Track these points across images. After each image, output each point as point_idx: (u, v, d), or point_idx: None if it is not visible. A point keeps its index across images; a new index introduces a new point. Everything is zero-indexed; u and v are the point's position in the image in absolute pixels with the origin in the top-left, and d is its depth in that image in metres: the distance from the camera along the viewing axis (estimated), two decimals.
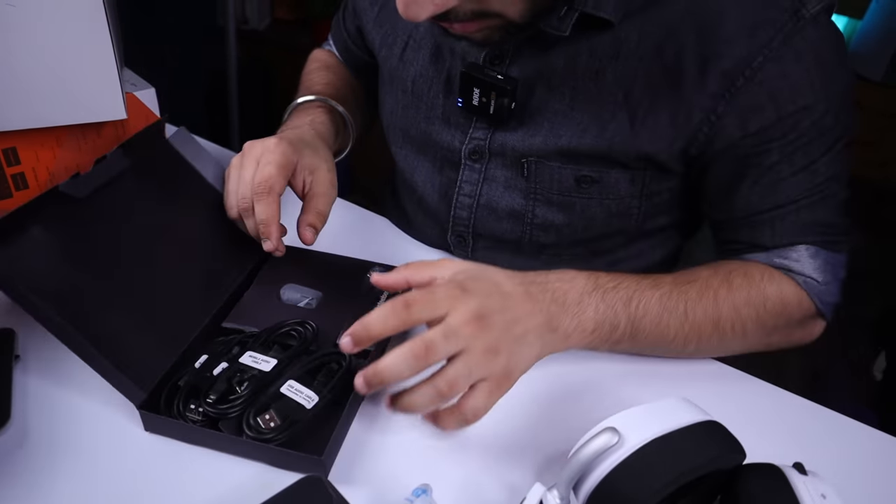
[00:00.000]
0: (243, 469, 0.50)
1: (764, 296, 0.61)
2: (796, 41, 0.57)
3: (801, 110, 0.59)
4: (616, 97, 0.62)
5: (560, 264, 0.77)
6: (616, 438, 0.42)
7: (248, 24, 2.52)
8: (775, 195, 0.63)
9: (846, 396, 1.94)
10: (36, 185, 0.71)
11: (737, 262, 0.65)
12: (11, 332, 0.58)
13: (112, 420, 0.53)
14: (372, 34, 0.79)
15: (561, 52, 0.63)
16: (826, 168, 0.62)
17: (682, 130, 0.62)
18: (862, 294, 2.31)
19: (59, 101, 0.65)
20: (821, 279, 0.63)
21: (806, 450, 0.55)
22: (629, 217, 0.71)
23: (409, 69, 0.73)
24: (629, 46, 0.61)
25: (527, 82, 0.65)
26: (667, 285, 0.59)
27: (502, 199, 0.72)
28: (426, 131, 0.74)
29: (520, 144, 0.68)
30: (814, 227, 0.63)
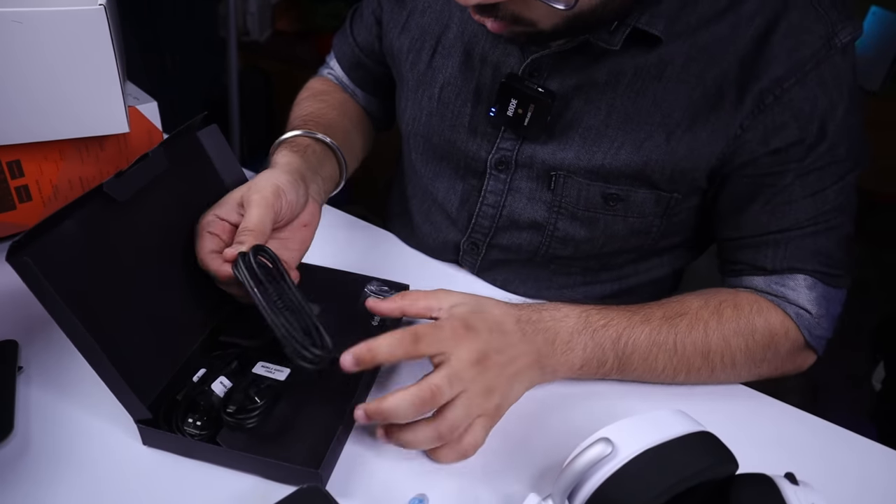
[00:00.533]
0: (241, 482, 0.51)
1: (752, 327, 0.62)
2: (825, 68, 0.59)
3: (820, 134, 0.60)
4: (654, 117, 0.63)
5: (568, 276, 0.78)
6: (610, 449, 0.42)
7: (250, 35, 2.54)
8: (783, 217, 0.64)
9: (846, 408, 1.94)
10: (39, 198, 0.72)
11: (728, 292, 0.65)
12: (15, 344, 0.59)
13: (112, 433, 0.54)
14: (398, 41, 0.77)
15: (604, 67, 0.64)
16: (835, 197, 0.63)
17: (718, 148, 0.63)
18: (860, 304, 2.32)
19: (63, 116, 0.66)
20: (814, 312, 0.64)
21: (799, 460, 0.55)
22: (648, 235, 0.72)
23: (438, 76, 0.73)
24: (674, 69, 0.62)
25: (565, 95, 0.66)
26: (657, 320, 0.60)
27: (525, 210, 0.73)
28: (451, 139, 0.74)
29: (550, 158, 0.68)
30: (816, 255, 0.64)
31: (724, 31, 0.60)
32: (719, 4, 0.60)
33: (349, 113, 0.86)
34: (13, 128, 0.65)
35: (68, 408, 0.55)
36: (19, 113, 0.64)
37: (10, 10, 0.58)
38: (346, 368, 0.50)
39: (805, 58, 0.58)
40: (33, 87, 0.63)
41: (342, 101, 0.87)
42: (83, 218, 0.51)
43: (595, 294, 0.80)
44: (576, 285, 0.79)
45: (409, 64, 0.76)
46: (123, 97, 0.68)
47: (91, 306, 0.48)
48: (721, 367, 0.61)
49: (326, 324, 0.53)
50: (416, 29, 0.75)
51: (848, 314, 0.67)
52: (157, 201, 0.58)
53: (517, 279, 0.78)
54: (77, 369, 0.59)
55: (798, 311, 0.64)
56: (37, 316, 0.63)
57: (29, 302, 0.65)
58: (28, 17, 0.58)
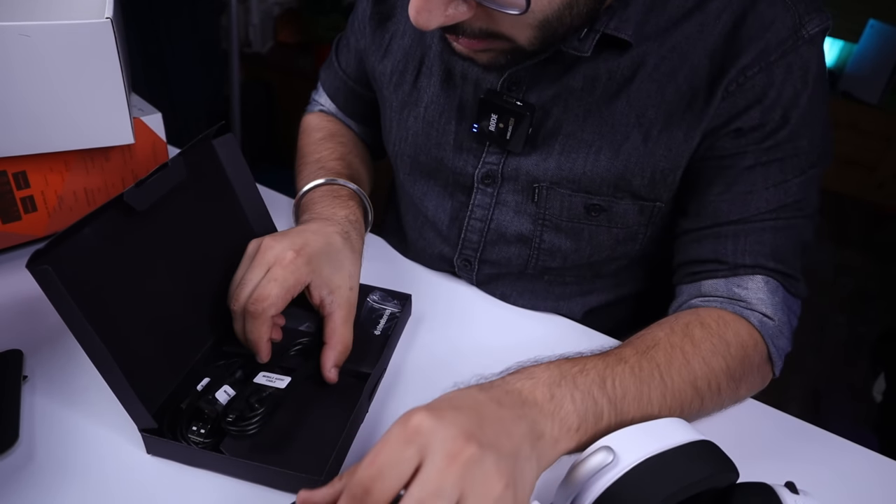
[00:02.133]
0: (244, 491, 0.51)
1: (726, 342, 0.58)
2: (791, 57, 0.59)
3: (782, 119, 0.61)
4: (629, 119, 0.64)
5: (564, 286, 0.78)
6: (611, 457, 0.43)
7: (252, 47, 2.56)
8: (745, 206, 0.63)
9: (847, 419, 1.94)
10: (44, 209, 0.72)
11: (688, 313, 0.61)
12: (19, 353, 0.60)
13: (116, 441, 0.54)
14: (381, 65, 0.77)
15: (579, 74, 0.64)
16: (797, 191, 0.63)
17: (693, 145, 0.63)
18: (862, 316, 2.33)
19: (70, 128, 0.66)
20: (775, 318, 0.62)
21: (799, 470, 0.55)
22: (634, 243, 0.72)
23: (423, 96, 0.73)
24: (645, 70, 0.62)
25: (543, 106, 0.66)
26: (632, 357, 0.53)
27: (512, 223, 0.73)
28: (438, 157, 0.74)
29: (534, 169, 0.68)
30: (776, 252, 0.63)
31: (693, 30, 0.61)
32: (687, 4, 0.61)
33: (361, 155, 0.87)
34: (20, 139, 0.65)
35: (73, 416, 0.56)
36: (26, 125, 0.64)
37: (18, 24, 0.58)
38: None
39: (771, 47, 0.59)
40: (40, 99, 0.63)
41: (353, 142, 0.88)
42: (102, 227, 0.51)
43: (592, 303, 0.80)
44: (572, 295, 0.79)
45: (392, 86, 0.76)
46: (129, 109, 0.69)
47: (105, 315, 0.49)
48: (709, 395, 0.57)
49: None
50: (399, 51, 0.75)
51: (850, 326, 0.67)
52: (172, 211, 0.59)
53: (514, 292, 0.78)
54: (81, 378, 0.59)
55: (761, 318, 0.62)
56: (41, 325, 0.64)
57: (33, 311, 0.66)
58: (36, 31, 0.59)
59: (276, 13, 2.63)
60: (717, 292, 0.64)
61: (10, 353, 0.60)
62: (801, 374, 1.92)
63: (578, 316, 0.78)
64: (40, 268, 0.45)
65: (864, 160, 3.02)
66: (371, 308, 0.68)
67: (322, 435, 0.53)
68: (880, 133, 2.99)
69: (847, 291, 2.46)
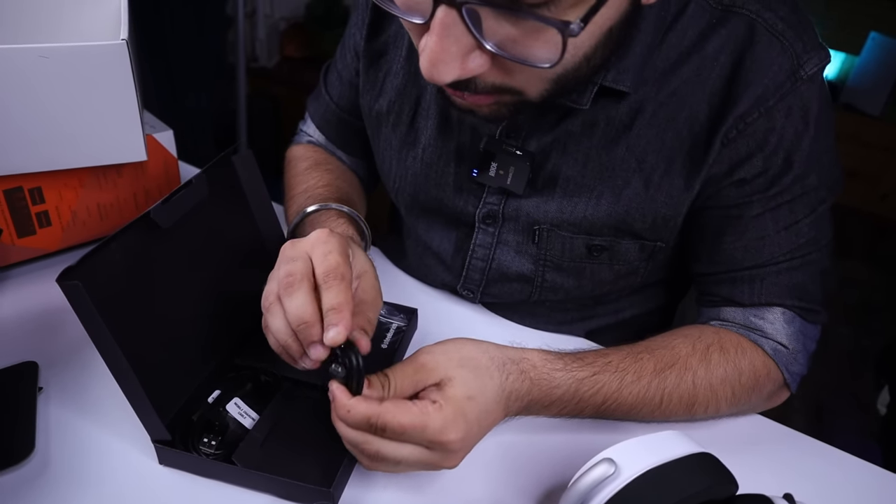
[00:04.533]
0: (254, 501, 0.52)
1: (739, 370, 0.61)
2: (790, 99, 0.58)
3: (785, 164, 0.60)
4: (630, 164, 0.63)
5: (565, 312, 0.78)
6: (612, 469, 0.44)
7: (258, 61, 2.59)
8: (759, 253, 0.63)
9: (851, 431, 1.93)
10: (59, 223, 0.74)
11: (712, 333, 0.64)
12: (35, 365, 0.61)
13: (129, 452, 0.55)
14: (377, 104, 0.75)
15: (577, 120, 0.63)
16: (808, 230, 0.63)
17: (694, 193, 0.63)
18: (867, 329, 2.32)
19: (85, 145, 0.68)
20: (790, 347, 0.64)
21: (798, 482, 0.57)
22: (635, 276, 0.72)
23: (420, 137, 0.72)
24: (644, 116, 0.61)
25: (543, 150, 0.66)
26: (647, 376, 0.59)
27: (513, 263, 0.73)
28: (438, 197, 0.74)
29: (534, 211, 0.68)
30: (792, 291, 0.64)
31: (691, 74, 0.60)
32: (683, 45, 0.60)
33: (352, 183, 0.85)
34: (36, 156, 0.67)
35: (87, 427, 0.57)
36: (42, 142, 0.66)
37: (38, 46, 0.60)
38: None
39: (769, 92, 0.58)
40: (57, 117, 0.65)
41: (343, 170, 0.85)
42: (128, 243, 0.53)
43: (592, 327, 0.80)
44: (573, 321, 0.79)
45: (391, 125, 0.74)
46: (142, 127, 0.70)
47: (127, 329, 0.50)
48: (702, 414, 0.62)
49: None
50: (393, 91, 0.73)
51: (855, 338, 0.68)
52: (192, 227, 0.60)
53: (516, 315, 0.78)
54: (95, 389, 0.61)
55: (775, 346, 0.63)
56: (56, 337, 0.65)
57: (48, 324, 0.67)
58: (54, 53, 0.61)
59: (282, 28, 2.66)
60: (736, 320, 0.66)
61: (26, 364, 0.61)
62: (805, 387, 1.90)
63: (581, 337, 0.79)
64: (71, 283, 0.46)
65: (866, 172, 3.03)
66: (378, 322, 0.69)
67: (330, 448, 0.54)
68: (883, 145, 3.00)
69: (851, 303, 2.46)
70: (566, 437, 0.60)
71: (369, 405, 0.49)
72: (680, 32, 0.59)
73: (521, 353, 0.56)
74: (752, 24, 0.58)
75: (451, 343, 0.55)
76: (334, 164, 0.85)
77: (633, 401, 0.58)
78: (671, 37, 0.60)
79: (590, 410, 0.58)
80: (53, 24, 0.77)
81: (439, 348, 0.54)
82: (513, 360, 0.55)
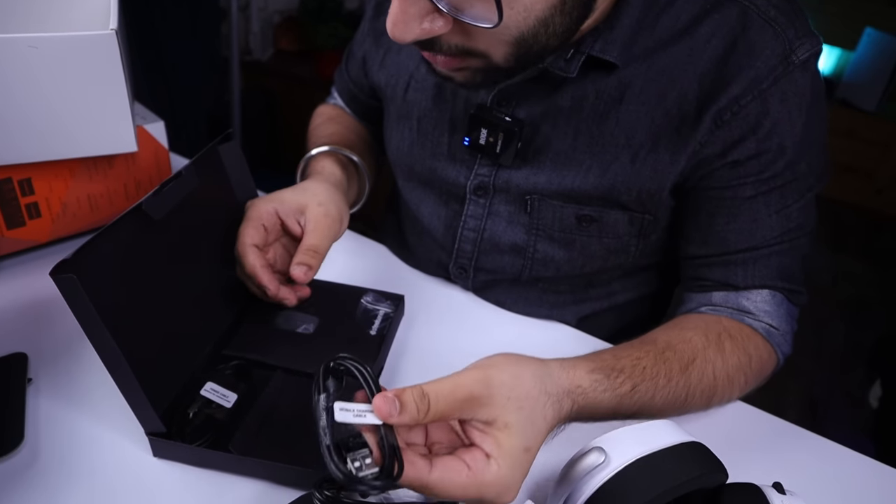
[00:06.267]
0: (251, 489, 0.52)
1: (748, 356, 0.63)
2: (783, 84, 0.59)
3: (778, 149, 0.61)
4: (619, 140, 0.64)
5: (557, 294, 0.79)
6: (602, 458, 0.44)
7: (252, 54, 2.58)
8: (751, 235, 0.65)
9: (844, 425, 1.94)
10: (48, 215, 0.74)
11: (717, 323, 0.64)
12: (24, 356, 0.61)
13: (120, 443, 0.55)
14: (378, 76, 0.81)
15: (567, 94, 0.65)
16: (798, 214, 0.64)
17: (679, 167, 0.64)
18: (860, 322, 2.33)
19: (75, 136, 0.68)
20: (780, 328, 0.65)
21: (787, 472, 0.57)
22: (627, 254, 0.73)
23: (414, 109, 0.75)
24: (633, 91, 0.63)
25: (533, 122, 0.67)
26: (676, 376, 0.57)
27: (505, 233, 0.74)
28: (432, 167, 0.76)
29: (524, 182, 0.70)
30: (782, 273, 0.66)
31: (682, 54, 0.61)
32: (676, 27, 0.61)
33: (363, 136, 0.91)
34: (26, 147, 0.67)
35: (77, 419, 0.57)
36: (32, 133, 0.66)
37: (27, 36, 0.60)
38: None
39: (762, 75, 0.59)
40: (47, 108, 0.65)
41: (355, 125, 0.92)
42: (121, 236, 0.53)
43: (585, 312, 0.81)
44: (566, 304, 0.80)
45: (388, 97, 0.79)
46: (132, 118, 0.70)
47: (120, 321, 0.49)
48: (717, 404, 0.63)
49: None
50: (392, 65, 0.78)
51: (848, 332, 0.68)
52: (182, 218, 0.60)
53: (509, 299, 0.79)
54: (85, 381, 0.60)
55: (767, 328, 0.65)
56: (45, 329, 0.65)
57: (37, 315, 0.67)
58: (44, 43, 0.61)
59: (276, 21, 2.65)
60: (727, 303, 0.67)
61: (15, 356, 0.61)
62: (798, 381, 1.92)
63: (572, 324, 0.79)
64: (66, 277, 0.46)
65: (861, 167, 3.04)
66: (365, 309, 0.69)
67: None
68: (878, 140, 3.01)
69: (845, 298, 2.47)
70: None
71: (418, 473, 0.43)
72: (673, 16, 0.61)
73: (575, 380, 0.52)
74: (745, 10, 0.60)
75: (508, 371, 0.47)
76: (348, 120, 0.93)
77: (661, 405, 0.57)
78: (664, 20, 0.61)
79: (619, 418, 0.56)
80: (43, 14, 0.77)
81: (496, 378, 0.46)
82: (567, 391, 0.51)
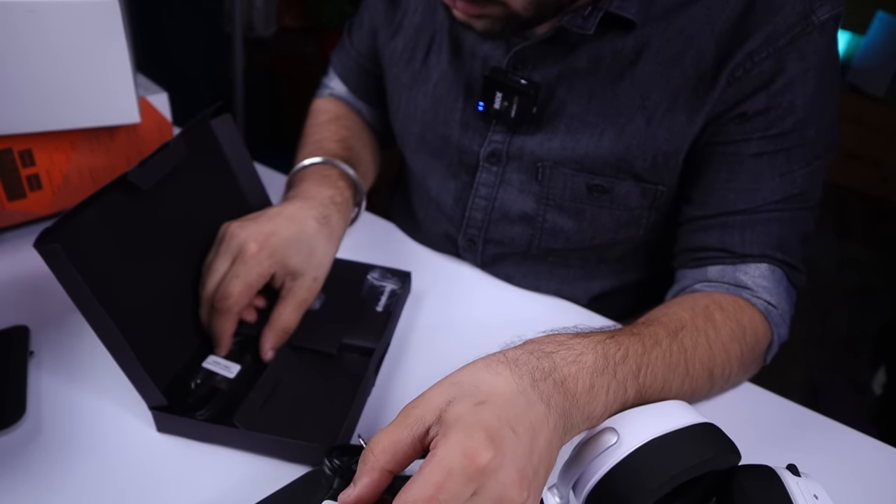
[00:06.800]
0: (254, 464, 0.52)
1: (742, 327, 0.59)
2: (801, 43, 0.59)
3: (789, 106, 0.60)
4: (633, 101, 0.64)
5: (567, 269, 0.78)
6: (615, 438, 0.43)
7: (255, 31, 2.55)
8: (752, 196, 0.63)
9: (847, 411, 1.94)
10: (49, 187, 0.72)
11: (705, 297, 0.60)
12: (26, 329, 0.60)
13: (122, 417, 0.54)
14: (392, 42, 0.78)
15: (584, 54, 0.64)
16: (802, 181, 0.62)
17: (695, 128, 0.63)
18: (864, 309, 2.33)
19: (76, 106, 0.66)
20: (779, 307, 0.62)
21: (800, 454, 0.56)
22: (638, 227, 0.72)
23: (433, 73, 0.74)
24: (650, 51, 0.62)
25: (548, 85, 0.66)
26: (665, 340, 0.52)
27: (516, 202, 0.74)
28: (444, 135, 0.75)
29: (538, 148, 0.69)
30: (781, 243, 0.63)
31: (700, 13, 0.60)
32: None
33: (365, 140, 0.87)
34: (26, 117, 0.65)
35: (79, 392, 0.56)
36: (32, 102, 0.64)
37: (26, 1, 0.58)
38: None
39: (779, 32, 0.58)
40: (46, 76, 0.63)
41: (362, 129, 0.88)
42: (107, 206, 0.51)
43: (595, 290, 0.80)
44: (576, 279, 0.79)
45: (403, 63, 0.77)
46: (135, 88, 0.69)
47: (112, 293, 0.48)
48: (720, 381, 0.58)
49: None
50: (410, 28, 0.76)
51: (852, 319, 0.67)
52: (175, 190, 0.59)
53: (518, 273, 0.79)
54: (87, 355, 0.60)
55: (766, 305, 0.62)
56: (47, 302, 0.64)
57: (39, 288, 0.66)
58: (41, 8, 0.59)
59: None
60: (723, 278, 0.64)
61: (16, 329, 0.60)
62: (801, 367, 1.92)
63: (582, 302, 0.78)
64: (49, 246, 0.44)
65: (869, 154, 3.01)
66: (372, 286, 0.68)
67: (331, 408, 0.54)
68: (886, 127, 2.98)
69: (850, 285, 2.46)
70: None
71: None
72: None
73: (520, 340, 0.47)
74: None
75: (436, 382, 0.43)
76: (352, 121, 0.87)
77: (662, 367, 0.50)
78: None
79: (632, 387, 0.48)
80: None
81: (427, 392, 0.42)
82: (511, 345, 0.46)
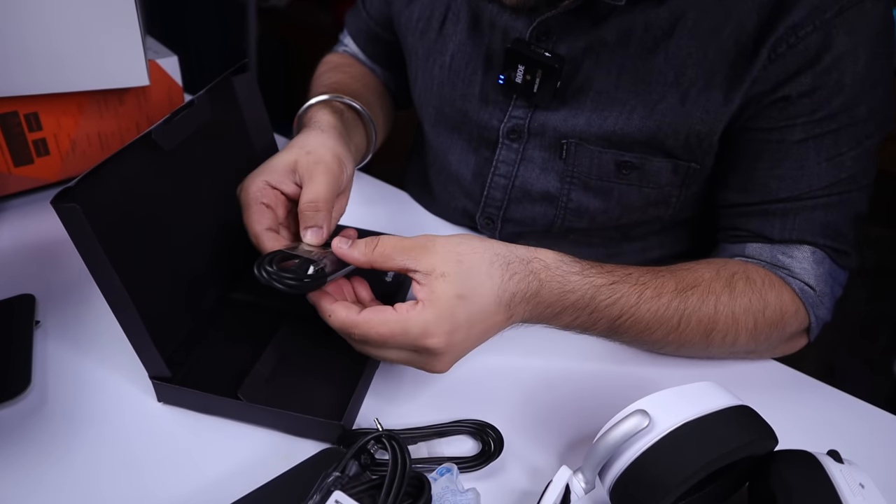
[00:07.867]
0: (258, 437, 0.50)
1: (764, 302, 0.57)
2: (850, 14, 0.54)
3: (836, 85, 0.56)
4: (667, 77, 0.59)
5: (590, 247, 0.75)
6: (646, 422, 0.40)
7: (269, 0, 2.50)
8: (796, 183, 0.59)
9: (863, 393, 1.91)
10: (57, 152, 0.70)
11: (738, 264, 0.60)
12: (32, 298, 0.58)
13: (128, 388, 0.53)
14: (407, 10, 0.74)
15: (613, 26, 0.60)
16: (852, 164, 0.58)
17: (733, 108, 0.59)
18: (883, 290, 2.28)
19: (83, 67, 0.64)
20: (817, 289, 0.60)
21: (836, 439, 0.53)
22: (667, 206, 0.69)
23: (449, 44, 0.70)
24: (686, 24, 0.58)
25: (574, 59, 0.62)
26: (668, 294, 0.54)
27: (538, 181, 0.70)
28: (462, 109, 0.71)
29: (562, 125, 0.65)
30: (826, 229, 0.60)
31: None
32: None
33: (371, 85, 0.84)
34: (32, 78, 0.63)
35: (85, 362, 0.54)
36: (38, 63, 0.62)
37: None
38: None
39: (826, 3, 0.53)
40: (53, 36, 0.61)
41: (363, 73, 0.86)
42: (128, 166, 0.49)
43: None
44: (597, 257, 0.76)
45: (418, 33, 0.73)
46: (144, 50, 0.66)
47: (126, 257, 0.46)
48: (719, 344, 0.57)
49: None
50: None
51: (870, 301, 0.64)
52: (195, 151, 0.56)
53: None
54: (93, 324, 0.58)
55: (802, 287, 0.60)
56: (53, 271, 0.62)
57: (46, 256, 0.64)
58: None
59: None
60: (762, 256, 0.62)
61: (22, 297, 0.58)
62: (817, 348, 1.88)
63: None
64: (68, 206, 0.42)
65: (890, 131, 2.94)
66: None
67: (338, 381, 0.52)
68: None
69: (869, 266, 2.41)
70: (589, 386, 0.57)
71: (348, 313, 0.47)
72: None
73: (534, 252, 0.51)
74: None
75: (458, 236, 0.50)
76: (354, 68, 0.85)
77: (650, 318, 0.53)
78: None
79: (603, 324, 0.53)
80: None
81: (443, 238, 0.49)
82: (522, 258, 0.50)
